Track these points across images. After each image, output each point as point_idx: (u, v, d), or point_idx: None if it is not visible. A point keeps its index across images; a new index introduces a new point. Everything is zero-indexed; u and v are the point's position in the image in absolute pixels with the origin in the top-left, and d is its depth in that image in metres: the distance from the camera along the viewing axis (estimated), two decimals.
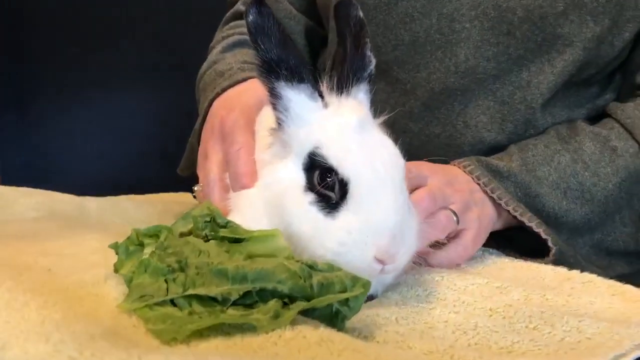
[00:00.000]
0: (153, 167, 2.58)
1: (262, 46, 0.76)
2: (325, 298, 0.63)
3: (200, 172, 0.99)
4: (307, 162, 0.77)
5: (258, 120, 0.94)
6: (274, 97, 0.79)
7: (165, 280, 0.64)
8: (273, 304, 0.62)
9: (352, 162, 0.75)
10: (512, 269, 0.97)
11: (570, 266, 0.97)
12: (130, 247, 0.71)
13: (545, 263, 0.99)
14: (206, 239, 0.75)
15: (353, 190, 0.74)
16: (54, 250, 0.86)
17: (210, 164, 0.95)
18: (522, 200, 1.04)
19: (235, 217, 0.80)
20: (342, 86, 0.81)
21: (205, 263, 0.65)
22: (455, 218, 0.96)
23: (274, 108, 0.80)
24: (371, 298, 0.81)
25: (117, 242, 0.73)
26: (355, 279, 0.67)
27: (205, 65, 1.25)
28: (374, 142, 0.77)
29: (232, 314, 0.61)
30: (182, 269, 0.65)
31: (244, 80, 1.07)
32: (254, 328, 0.58)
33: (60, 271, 0.74)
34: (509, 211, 1.03)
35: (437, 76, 1.12)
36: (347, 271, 0.68)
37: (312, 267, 0.68)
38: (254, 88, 1.02)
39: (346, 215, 0.74)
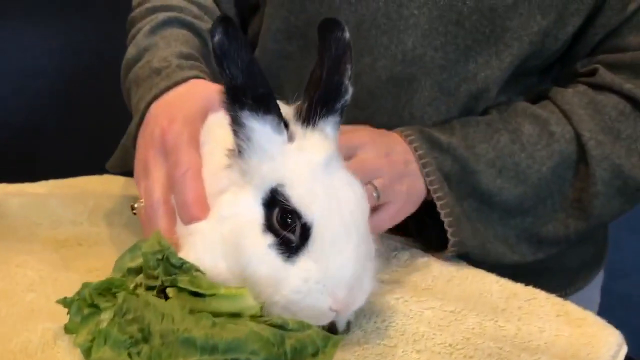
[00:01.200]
0: (56, 114, 2.40)
1: (227, 72, 0.70)
2: None
3: (140, 187, 0.91)
4: (267, 198, 0.73)
5: (203, 131, 0.89)
6: (237, 125, 0.74)
7: (129, 354, 0.59)
8: None
9: (318, 206, 0.71)
10: (459, 280, 0.98)
11: (477, 257, 1.03)
12: (85, 310, 0.65)
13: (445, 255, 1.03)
14: (162, 286, 0.71)
15: (316, 236, 0.71)
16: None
17: (152, 183, 0.88)
18: (457, 175, 1.04)
19: (189, 256, 0.76)
20: (309, 116, 0.77)
21: (171, 330, 0.61)
22: (375, 194, 0.96)
23: (236, 135, 0.75)
24: (349, 324, 0.81)
25: (65, 298, 0.67)
26: (326, 338, 0.66)
27: (133, 50, 1.14)
28: (341, 184, 0.74)
29: None
30: (145, 339, 0.61)
31: (184, 80, 0.99)
32: None
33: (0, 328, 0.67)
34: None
35: (382, 63, 1.10)
36: (317, 329, 0.66)
37: (283, 327, 0.65)
38: (196, 92, 0.96)
39: (306, 262, 0.71)
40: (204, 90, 0.95)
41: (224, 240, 0.75)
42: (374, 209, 0.96)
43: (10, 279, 0.82)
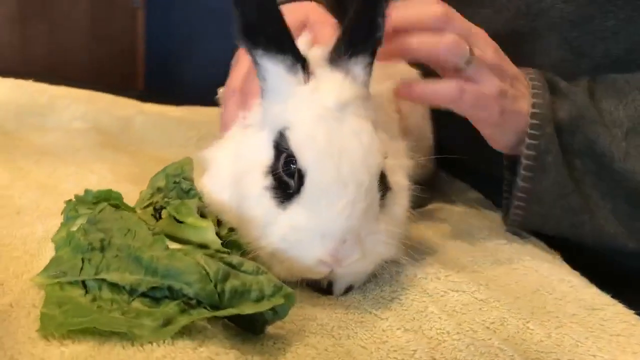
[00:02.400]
0: None
1: (241, 9, 0.68)
2: (227, 311, 0.60)
3: (229, 76, 0.93)
4: (277, 140, 0.71)
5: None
6: (255, 65, 0.72)
7: (82, 259, 0.63)
8: (172, 307, 0.60)
9: (314, 153, 0.67)
10: (524, 270, 0.86)
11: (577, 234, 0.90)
12: (71, 212, 0.71)
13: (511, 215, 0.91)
14: (160, 207, 0.74)
15: (308, 184, 0.67)
16: (52, 183, 0.88)
17: (236, 72, 0.90)
18: (572, 124, 0.87)
19: (205, 179, 0.78)
20: (335, 56, 0.72)
21: (127, 246, 0.64)
22: (464, 56, 0.82)
23: (257, 75, 0.73)
24: (350, 288, 0.77)
25: (70, 200, 0.73)
26: (277, 288, 0.63)
27: None
28: (349, 133, 0.68)
29: (135, 307, 0.60)
30: (102, 249, 0.64)
31: None
32: (133, 337, 0.56)
33: (25, 217, 0.76)
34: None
35: (503, 16, 0.98)
36: (272, 277, 0.64)
37: (236, 267, 0.64)
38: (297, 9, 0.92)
39: (296, 209, 0.68)
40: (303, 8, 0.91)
41: (234, 176, 0.75)
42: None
43: (78, 181, 0.92)
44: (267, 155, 0.71)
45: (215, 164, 0.78)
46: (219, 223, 0.72)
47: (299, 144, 0.68)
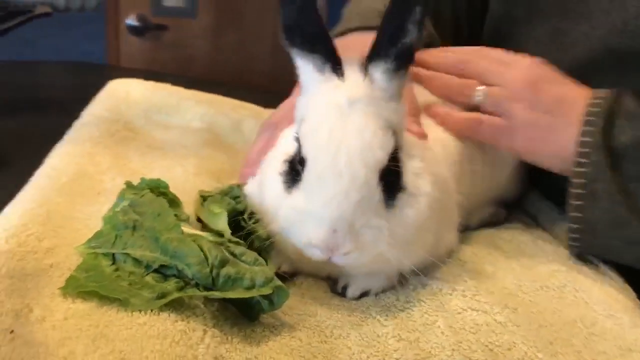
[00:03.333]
0: None
1: (283, 11, 0.75)
2: (210, 293, 0.67)
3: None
4: (297, 130, 0.76)
5: None
6: (295, 63, 0.78)
7: (116, 235, 0.74)
8: (172, 283, 0.68)
9: (315, 142, 0.72)
10: (568, 302, 0.81)
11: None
12: (122, 196, 0.82)
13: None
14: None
15: (307, 171, 0.72)
16: (144, 172, 1.01)
17: (288, 102, 0.98)
18: (637, 148, 0.82)
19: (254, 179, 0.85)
20: (365, 60, 0.76)
21: (152, 228, 0.73)
22: (478, 95, 0.92)
23: (297, 71, 0.79)
24: (366, 294, 0.80)
25: (129, 182, 0.84)
26: (268, 279, 0.68)
27: None
28: (352, 129, 0.71)
29: (147, 281, 0.69)
30: (134, 228, 0.74)
31: (351, 30, 1.04)
32: (126, 303, 0.65)
33: (102, 197, 0.89)
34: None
35: (598, 32, 0.93)
36: (267, 269, 0.69)
37: (236, 256, 0.70)
38: (353, 43, 0.99)
39: (297, 193, 0.73)
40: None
41: (261, 169, 0.82)
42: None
43: (165, 172, 1.03)
44: (291, 144, 0.77)
45: (263, 163, 0.85)
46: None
47: (305, 133, 0.74)
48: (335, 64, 0.75)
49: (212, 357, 0.62)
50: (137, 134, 1.23)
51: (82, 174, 0.97)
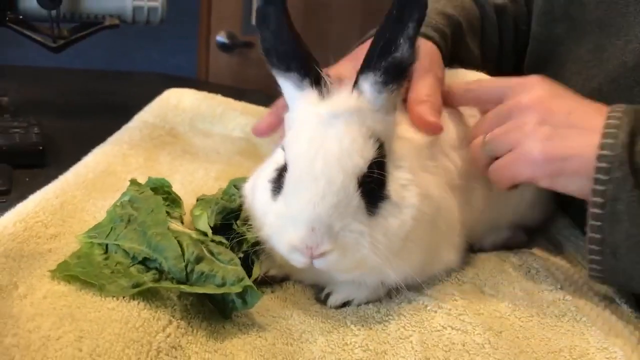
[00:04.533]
0: None
1: (261, 34, 0.78)
2: (176, 286, 0.70)
3: None
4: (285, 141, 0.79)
5: None
6: (278, 81, 0.81)
7: (111, 227, 0.79)
8: (148, 275, 0.71)
9: (294, 151, 0.75)
10: (559, 332, 0.78)
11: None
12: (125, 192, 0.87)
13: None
14: None
15: (288, 177, 0.74)
16: (171, 172, 1.07)
17: None
18: None
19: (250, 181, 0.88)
20: (357, 74, 0.77)
21: (143, 222, 0.78)
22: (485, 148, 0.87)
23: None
24: (347, 304, 0.80)
25: (134, 179, 0.89)
26: (239, 279, 0.71)
27: None
28: (332, 137, 0.73)
29: (131, 271, 0.73)
30: (128, 221, 0.79)
31: None
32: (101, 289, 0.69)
33: (119, 193, 0.95)
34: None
35: (631, 47, 0.91)
36: (239, 270, 0.71)
37: (213, 254, 0.73)
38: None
39: (280, 199, 0.75)
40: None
41: (254, 177, 0.85)
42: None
43: (188, 175, 1.09)
44: (281, 155, 0.79)
45: (258, 170, 0.88)
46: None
47: (288, 141, 0.77)
48: (315, 79, 0.77)
49: (170, 346, 0.65)
50: (177, 140, 1.29)
51: (109, 172, 1.04)
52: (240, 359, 0.67)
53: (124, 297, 0.68)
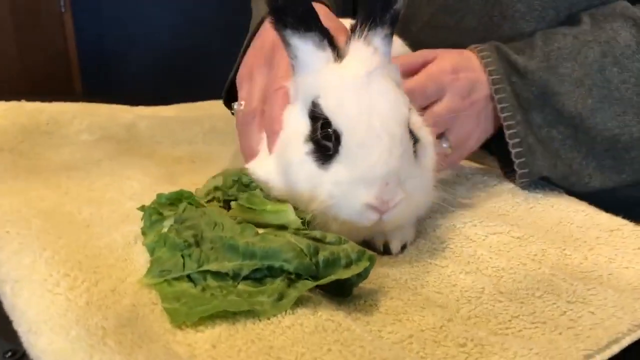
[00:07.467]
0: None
1: None
2: (328, 278, 0.67)
3: (242, 90, 0.97)
4: (310, 110, 0.77)
5: None
6: (286, 45, 0.79)
7: (182, 256, 0.69)
8: (279, 283, 0.66)
9: (346, 114, 0.74)
10: (542, 207, 0.97)
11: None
12: (153, 217, 0.76)
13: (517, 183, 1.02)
14: (228, 200, 0.80)
15: (345, 142, 0.74)
16: (97, 195, 0.92)
17: (253, 88, 0.94)
18: (539, 100, 0.99)
19: (255, 164, 0.85)
20: (359, 31, 0.79)
21: (219, 237, 0.70)
22: (446, 145, 1.00)
23: (287, 54, 0.80)
24: (405, 246, 0.84)
25: (143, 206, 0.78)
26: (361, 253, 0.70)
27: None
28: (376, 94, 0.75)
29: (243, 289, 0.66)
30: (197, 244, 0.70)
31: None
32: (258, 313, 0.63)
33: (96, 228, 0.80)
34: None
35: None
36: (353, 244, 0.71)
37: (320, 240, 0.71)
38: None
39: (337, 167, 0.74)
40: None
41: (278, 155, 0.81)
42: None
43: (119, 188, 0.95)
44: (304, 124, 0.78)
45: (264, 150, 0.84)
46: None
47: (332, 109, 0.75)
48: (330, 39, 0.78)
49: (364, 331, 0.63)
50: (32, 159, 1.09)
51: None
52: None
53: (285, 312, 0.63)
